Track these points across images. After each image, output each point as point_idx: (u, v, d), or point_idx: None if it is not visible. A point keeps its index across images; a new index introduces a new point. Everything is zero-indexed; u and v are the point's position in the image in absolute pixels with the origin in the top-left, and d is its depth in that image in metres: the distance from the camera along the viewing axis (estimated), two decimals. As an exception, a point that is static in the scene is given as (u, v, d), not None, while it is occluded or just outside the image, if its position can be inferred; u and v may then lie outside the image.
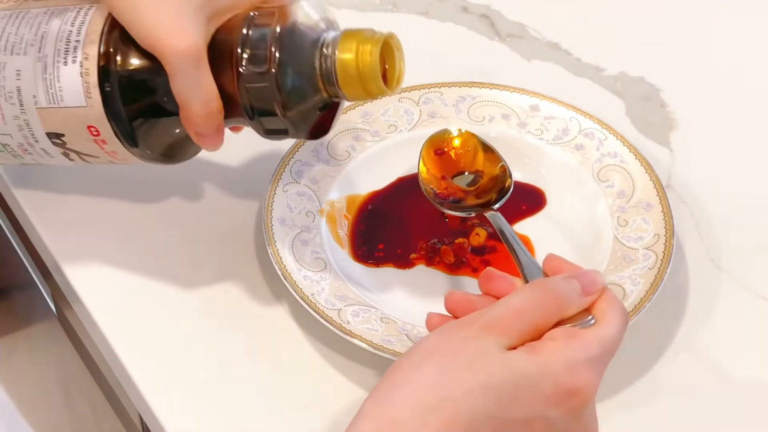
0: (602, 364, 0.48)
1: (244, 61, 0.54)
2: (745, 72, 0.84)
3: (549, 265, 0.53)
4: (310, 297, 0.62)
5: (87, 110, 0.56)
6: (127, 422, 0.90)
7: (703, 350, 0.63)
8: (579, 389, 0.46)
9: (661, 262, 0.63)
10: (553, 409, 0.46)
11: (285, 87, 0.55)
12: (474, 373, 0.46)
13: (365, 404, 0.46)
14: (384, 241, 0.69)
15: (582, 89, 0.82)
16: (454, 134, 0.67)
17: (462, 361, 0.46)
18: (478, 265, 0.67)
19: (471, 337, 0.47)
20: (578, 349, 0.47)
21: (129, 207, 0.72)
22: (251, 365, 0.63)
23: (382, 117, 0.74)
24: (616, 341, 0.49)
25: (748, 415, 0.61)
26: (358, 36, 0.55)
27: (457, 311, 0.52)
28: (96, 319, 0.65)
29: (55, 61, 0.56)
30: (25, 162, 0.62)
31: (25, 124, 0.58)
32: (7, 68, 0.57)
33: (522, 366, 0.46)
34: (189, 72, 0.54)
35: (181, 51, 0.53)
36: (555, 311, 0.49)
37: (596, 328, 0.49)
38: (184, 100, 0.55)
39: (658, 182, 0.68)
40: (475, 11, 0.90)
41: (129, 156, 0.59)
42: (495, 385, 0.45)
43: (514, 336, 0.47)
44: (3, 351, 1.41)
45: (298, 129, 0.57)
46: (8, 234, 1.05)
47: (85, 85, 0.55)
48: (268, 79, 0.54)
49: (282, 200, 0.68)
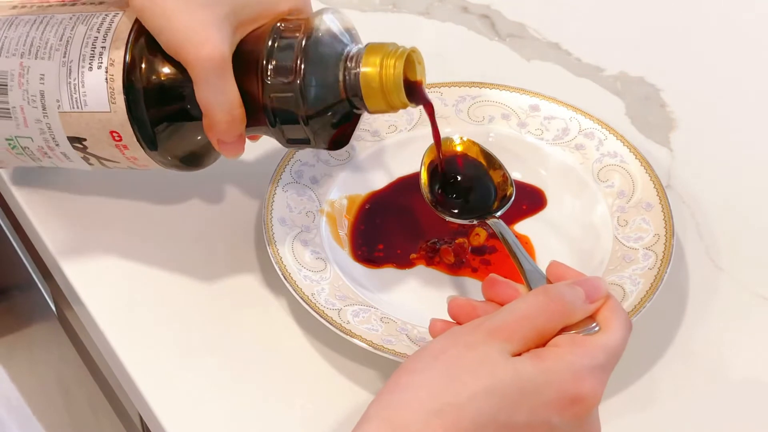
0: (606, 372, 0.48)
1: (270, 71, 0.55)
2: (745, 72, 0.84)
3: (552, 272, 0.53)
4: (310, 297, 0.62)
5: (111, 115, 0.56)
6: (127, 422, 0.90)
7: (703, 350, 0.63)
8: (583, 396, 0.47)
9: (661, 262, 0.63)
10: (557, 416, 0.46)
11: (309, 98, 0.55)
12: (478, 378, 0.46)
13: (370, 407, 0.47)
14: (384, 241, 0.69)
15: (582, 89, 0.82)
16: (456, 142, 0.67)
17: (467, 366, 0.46)
18: (478, 265, 0.67)
19: (476, 342, 0.47)
20: (583, 356, 0.47)
21: (129, 207, 0.72)
22: (251, 365, 0.63)
23: (382, 117, 0.74)
24: (620, 348, 0.49)
25: (747, 415, 0.61)
26: (383, 50, 0.56)
27: (460, 317, 0.52)
28: (96, 319, 0.65)
29: (80, 66, 0.56)
30: (43, 164, 0.62)
31: (47, 128, 0.58)
32: (31, 72, 0.57)
33: (527, 372, 0.46)
34: (214, 80, 0.54)
35: (207, 59, 0.53)
36: (559, 318, 0.49)
37: (601, 336, 0.49)
38: (208, 108, 0.55)
39: (658, 182, 0.68)
40: (475, 11, 0.90)
41: (149, 161, 0.59)
42: (499, 390, 0.46)
43: (518, 342, 0.48)
44: (3, 351, 1.41)
45: (319, 139, 0.58)
46: (8, 234, 1.05)
47: (110, 90, 0.56)
48: (293, 89, 0.55)
49: (282, 200, 0.68)
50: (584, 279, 0.51)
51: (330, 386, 0.61)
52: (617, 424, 0.59)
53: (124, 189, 0.73)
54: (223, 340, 0.64)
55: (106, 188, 0.73)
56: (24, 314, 1.26)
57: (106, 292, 0.67)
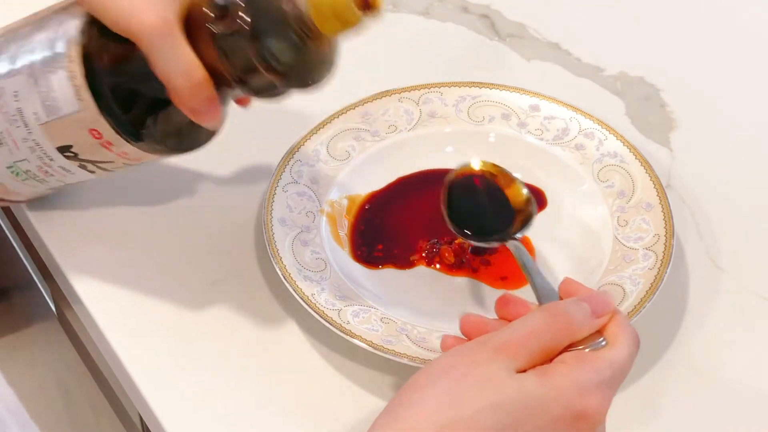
0: (612, 387, 0.48)
1: (215, 22, 0.54)
2: (744, 72, 0.84)
3: (564, 288, 0.53)
4: (310, 297, 0.62)
5: (83, 114, 0.56)
6: (127, 422, 0.90)
7: (703, 350, 0.63)
8: (589, 412, 0.47)
9: (661, 262, 0.63)
10: (563, 430, 0.46)
11: (259, 39, 0.54)
12: (485, 395, 0.46)
13: (377, 421, 0.47)
14: (384, 242, 0.69)
15: (582, 89, 0.82)
16: (476, 168, 0.66)
17: (473, 383, 0.47)
18: (478, 266, 0.67)
19: (482, 359, 0.48)
20: (589, 372, 0.47)
21: (129, 207, 0.72)
22: (251, 365, 0.63)
23: (382, 117, 0.74)
24: (627, 363, 0.49)
25: (747, 415, 0.61)
26: None
27: (471, 334, 0.52)
28: (96, 319, 0.65)
29: (44, 72, 0.56)
30: (53, 186, 0.62)
31: (35, 145, 0.58)
32: (5, 92, 0.57)
33: (532, 389, 0.47)
34: (164, 47, 0.53)
35: (152, 26, 0.53)
36: (565, 334, 0.49)
37: (607, 351, 0.49)
38: (166, 76, 0.54)
39: (658, 182, 0.68)
40: (475, 11, 0.90)
41: (140, 154, 0.58)
42: (506, 406, 0.46)
43: (524, 359, 0.48)
44: (3, 351, 1.41)
45: (286, 81, 0.56)
46: (8, 234, 1.05)
47: (75, 87, 0.55)
48: (242, 35, 0.54)
49: (282, 200, 0.68)
50: (591, 294, 0.51)
51: (330, 386, 0.61)
52: (617, 425, 0.59)
53: (124, 189, 0.73)
54: (223, 340, 0.64)
55: (106, 188, 0.73)
56: (24, 314, 1.26)
57: (106, 292, 0.67)
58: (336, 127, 0.73)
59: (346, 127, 0.73)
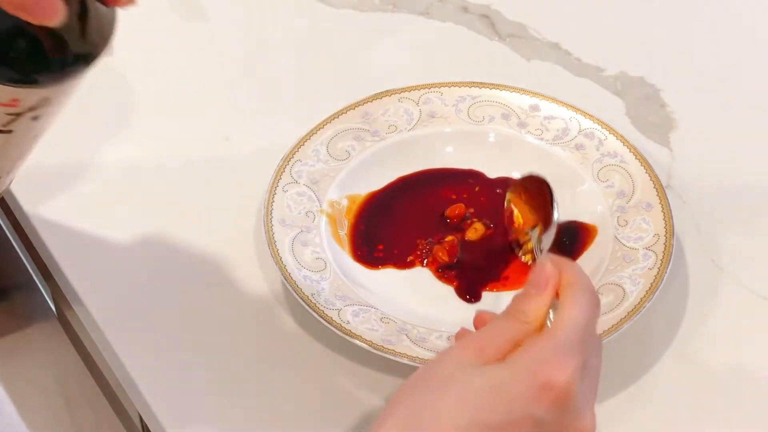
0: (572, 351, 0.47)
1: None
2: (744, 72, 0.84)
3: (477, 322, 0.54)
4: (310, 297, 0.62)
5: None
6: (127, 422, 0.90)
7: (703, 350, 0.63)
8: (554, 381, 0.46)
9: (661, 262, 0.63)
10: (536, 407, 0.46)
11: None
12: (450, 387, 0.46)
13: None
14: (384, 241, 0.69)
15: (582, 89, 0.82)
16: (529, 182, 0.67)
17: (440, 379, 0.47)
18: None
19: (448, 356, 0.48)
20: (542, 342, 0.47)
21: (129, 207, 0.72)
22: (251, 365, 0.63)
23: (382, 117, 0.74)
24: (579, 320, 0.48)
25: (747, 415, 0.61)
26: None
27: None
28: (96, 319, 0.65)
29: None
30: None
31: None
32: None
33: (495, 372, 0.47)
34: None
35: None
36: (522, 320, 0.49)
37: (557, 316, 0.48)
38: None
39: (658, 182, 0.68)
40: (475, 11, 0.90)
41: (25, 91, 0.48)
42: (472, 394, 0.46)
43: (490, 354, 0.48)
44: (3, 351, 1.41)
45: None
46: (8, 234, 1.05)
47: None
48: None
49: (282, 200, 0.68)
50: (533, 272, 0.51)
51: (329, 386, 0.61)
52: (617, 424, 0.59)
53: (124, 189, 0.73)
54: (223, 340, 0.64)
55: (105, 188, 0.73)
56: (24, 314, 1.26)
57: (106, 292, 0.67)
58: (336, 127, 0.73)
59: (346, 127, 0.73)
